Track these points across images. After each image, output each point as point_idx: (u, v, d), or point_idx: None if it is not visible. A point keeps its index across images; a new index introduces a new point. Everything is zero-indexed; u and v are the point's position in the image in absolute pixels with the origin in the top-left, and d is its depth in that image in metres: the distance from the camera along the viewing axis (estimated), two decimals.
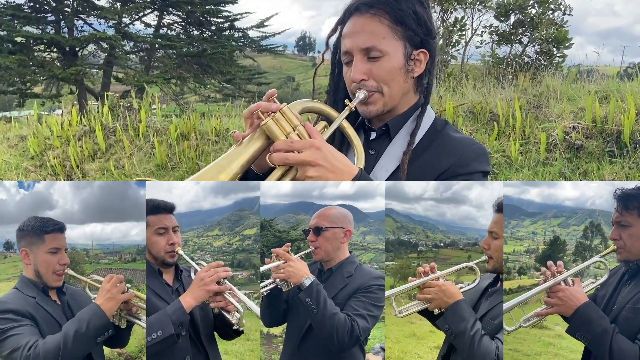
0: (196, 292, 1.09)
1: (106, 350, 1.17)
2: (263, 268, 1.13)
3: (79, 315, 1.09)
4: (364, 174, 1.15)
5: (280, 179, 1.12)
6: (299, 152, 1.08)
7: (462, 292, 1.08)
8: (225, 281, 1.10)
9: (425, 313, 1.11)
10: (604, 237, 1.12)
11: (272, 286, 1.13)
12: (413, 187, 1.15)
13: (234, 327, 1.12)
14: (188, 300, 1.09)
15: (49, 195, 1.18)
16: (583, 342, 1.01)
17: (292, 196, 1.17)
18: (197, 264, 1.16)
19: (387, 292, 1.10)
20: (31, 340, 1.07)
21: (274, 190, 1.15)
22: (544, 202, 1.14)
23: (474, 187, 1.12)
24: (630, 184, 1.07)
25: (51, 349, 1.06)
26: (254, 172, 1.22)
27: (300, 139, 1.12)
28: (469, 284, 1.11)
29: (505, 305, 1.05)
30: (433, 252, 1.17)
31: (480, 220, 1.11)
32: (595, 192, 1.13)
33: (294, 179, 1.12)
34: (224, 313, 1.12)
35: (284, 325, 1.23)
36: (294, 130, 1.12)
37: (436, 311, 1.08)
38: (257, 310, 1.13)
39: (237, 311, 1.10)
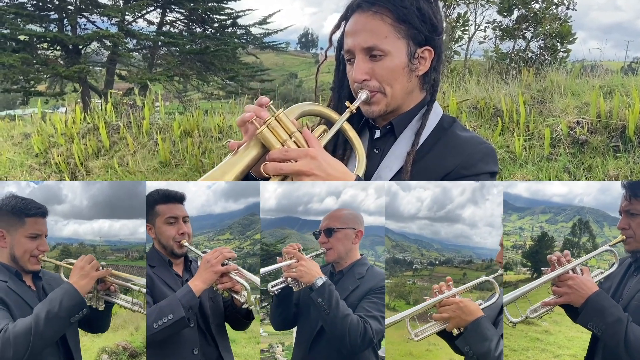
0: (204, 274, 1.10)
1: (110, 344, 1.16)
2: (275, 266, 1.11)
3: (50, 296, 1.05)
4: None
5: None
6: (294, 162, 1.07)
7: (482, 309, 1.02)
8: (230, 262, 1.10)
9: (443, 334, 1.05)
10: (592, 234, 1.11)
11: (282, 285, 1.12)
12: (407, 206, 1.15)
13: (244, 306, 1.12)
14: (197, 284, 1.09)
15: (58, 190, 1.18)
16: (596, 332, 0.98)
17: (278, 211, 1.17)
18: (203, 252, 1.16)
19: (400, 314, 1.06)
20: (0, 324, 1.02)
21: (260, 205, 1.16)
22: (532, 197, 1.14)
23: (467, 207, 1.11)
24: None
25: (21, 332, 1.01)
26: (253, 177, 1.21)
27: (298, 146, 1.10)
28: (486, 300, 1.06)
29: (508, 297, 1.02)
30: (428, 270, 1.17)
31: (474, 239, 1.11)
32: (584, 190, 1.13)
33: None
34: (233, 294, 1.12)
35: (271, 340, 1.22)
36: (291, 138, 1.10)
37: (455, 331, 1.03)
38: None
39: (245, 290, 1.10)
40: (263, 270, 1.11)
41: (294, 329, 1.23)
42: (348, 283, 1.17)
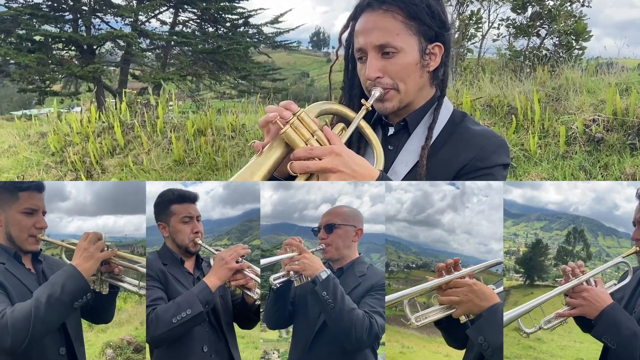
0: (219, 271, 1.11)
1: (115, 338, 1.16)
2: (276, 258, 1.11)
3: (52, 279, 0.99)
4: (385, 177, 1.14)
5: None
6: (319, 159, 1.07)
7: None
8: (243, 259, 1.12)
9: (443, 323, 0.98)
10: (587, 243, 1.11)
11: (284, 279, 1.10)
12: (387, 207, 1.14)
13: (257, 302, 1.13)
14: (212, 280, 1.11)
15: (61, 187, 1.17)
16: (610, 345, 0.95)
17: (274, 217, 1.17)
18: (217, 250, 1.18)
19: (398, 294, 0.97)
20: None
21: None
22: (527, 204, 1.13)
23: (447, 212, 1.11)
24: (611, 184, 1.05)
25: (20, 318, 0.95)
26: (276, 178, 1.21)
27: (320, 144, 1.10)
28: (496, 284, 1.01)
29: (522, 308, 0.98)
30: (404, 273, 1.15)
31: (452, 245, 1.10)
32: (579, 199, 1.12)
33: None
34: (245, 291, 1.14)
35: (266, 347, 1.21)
36: (313, 136, 1.11)
37: (462, 319, 0.94)
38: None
39: (257, 287, 1.12)
40: (263, 261, 1.10)
41: (291, 335, 1.22)
42: (349, 280, 1.15)
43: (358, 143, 1.27)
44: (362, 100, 1.20)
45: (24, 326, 0.94)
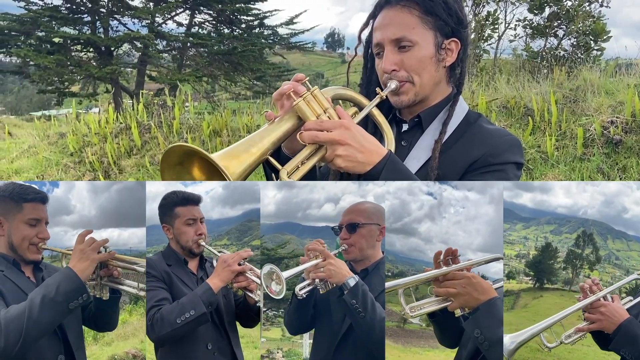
0: (221, 273, 1.13)
1: (120, 352, 1.16)
2: (300, 268, 1.06)
3: (47, 281, 0.98)
4: (393, 156, 1.13)
5: (309, 157, 1.11)
6: (329, 132, 1.08)
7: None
8: (245, 262, 1.13)
9: (436, 315, 0.97)
10: (596, 246, 1.12)
11: (310, 287, 1.06)
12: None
13: (258, 305, 1.14)
14: (215, 282, 1.13)
15: (67, 201, 1.16)
16: (628, 358, 0.98)
17: (277, 217, 1.17)
18: (219, 252, 1.19)
19: (394, 282, 0.95)
20: None
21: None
22: (537, 207, 1.14)
23: (424, 222, 1.11)
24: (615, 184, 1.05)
25: (14, 318, 0.93)
26: (284, 154, 1.24)
27: None
28: (493, 281, 1.00)
29: (544, 323, 1.01)
30: None
31: (428, 254, 1.07)
32: (589, 202, 1.12)
33: (322, 158, 1.11)
34: (247, 292, 1.15)
35: (269, 346, 1.20)
36: (325, 113, 1.13)
37: (458, 312, 0.92)
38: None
39: (259, 289, 1.12)
40: (287, 273, 1.03)
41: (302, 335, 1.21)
42: (375, 283, 1.09)
43: (372, 134, 1.28)
44: (377, 89, 1.22)
45: (17, 327, 0.92)
